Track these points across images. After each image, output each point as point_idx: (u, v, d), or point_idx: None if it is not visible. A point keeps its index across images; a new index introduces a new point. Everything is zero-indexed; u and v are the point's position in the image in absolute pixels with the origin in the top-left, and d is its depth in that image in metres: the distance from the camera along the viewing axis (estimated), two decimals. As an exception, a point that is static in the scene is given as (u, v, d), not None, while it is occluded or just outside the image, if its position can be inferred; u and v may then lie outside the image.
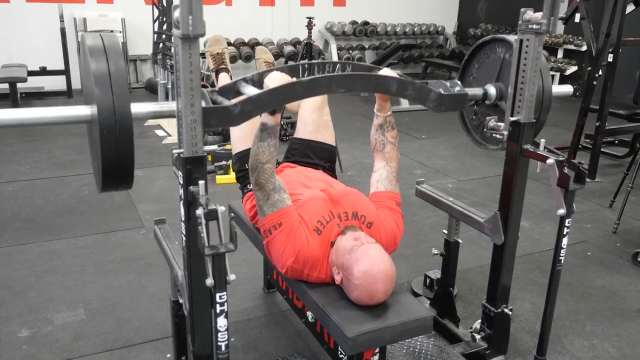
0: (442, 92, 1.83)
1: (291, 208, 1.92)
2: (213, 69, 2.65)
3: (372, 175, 2.17)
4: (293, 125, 4.27)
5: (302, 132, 2.43)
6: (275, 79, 1.81)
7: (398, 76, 1.88)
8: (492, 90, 2.07)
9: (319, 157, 2.39)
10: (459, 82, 1.90)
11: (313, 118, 2.41)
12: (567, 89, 2.26)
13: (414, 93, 1.80)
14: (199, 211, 1.40)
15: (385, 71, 1.94)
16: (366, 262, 1.76)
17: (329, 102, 2.49)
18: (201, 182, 1.45)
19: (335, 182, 2.23)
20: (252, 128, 2.32)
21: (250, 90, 1.71)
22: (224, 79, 2.57)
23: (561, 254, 2.01)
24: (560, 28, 8.17)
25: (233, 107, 1.50)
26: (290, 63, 1.96)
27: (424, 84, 1.83)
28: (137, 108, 1.50)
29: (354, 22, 9.25)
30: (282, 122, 2.70)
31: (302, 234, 1.88)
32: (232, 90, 1.75)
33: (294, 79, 1.73)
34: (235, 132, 2.38)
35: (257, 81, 1.83)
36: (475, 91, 2.07)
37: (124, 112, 1.38)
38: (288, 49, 8.55)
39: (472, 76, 2.23)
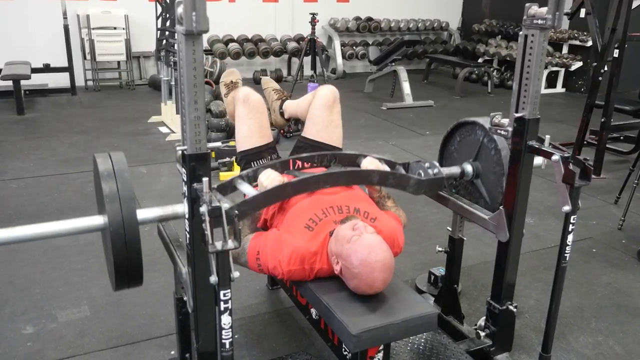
0: (422, 177, 1.99)
1: (255, 236, 2.02)
2: (225, 94, 2.66)
3: None
4: (297, 121, 4.26)
5: (311, 130, 2.41)
6: (269, 178, 1.91)
7: (379, 163, 2.06)
8: (468, 168, 2.22)
9: None
10: (437, 164, 2.03)
11: (323, 117, 2.39)
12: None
13: (395, 182, 1.97)
14: (203, 208, 1.40)
15: (369, 161, 2.07)
16: (365, 251, 1.77)
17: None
18: (205, 179, 1.45)
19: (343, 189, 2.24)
20: (259, 126, 2.33)
21: (245, 188, 1.84)
22: (230, 102, 2.58)
23: (566, 251, 2.00)
24: (565, 23, 8.13)
25: (231, 210, 1.56)
26: (281, 159, 2.12)
27: (403, 174, 2.01)
28: (143, 214, 1.63)
29: (357, 18, 9.23)
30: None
31: (284, 236, 1.94)
32: (229, 187, 1.85)
33: (285, 179, 1.91)
34: (241, 129, 2.37)
35: (252, 177, 1.95)
36: (452, 170, 2.23)
37: (131, 223, 1.53)
38: (291, 45, 8.54)
39: (454, 146, 2.37)
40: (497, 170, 2.12)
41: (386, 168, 2.08)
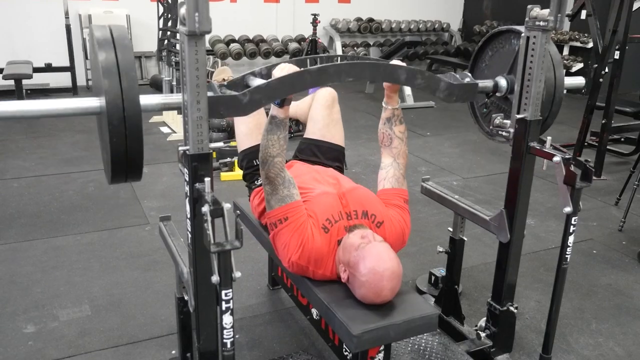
0: (452, 82, 1.82)
1: (299, 204, 1.92)
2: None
3: (379, 172, 2.17)
4: (297, 122, 4.27)
5: (312, 130, 2.43)
6: (284, 70, 1.81)
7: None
8: (502, 82, 2.04)
9: (326, 157, 2.38)
10: (469, 74, 1.90)
11: (323, 116, 2.41)
12: (579, 80, 2.23)
13: (424, 82, 1.79)
14: (205, 208, 1.40)
15: (395, 62, 1.93)
16: (373, 260, 1.75)
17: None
18: (207, 179, 1.45)
19: (345, 180, 2.22)
20: (257, 124, 2.32)
21: (258, 83, 1.70)
22: None
23: (567, 252, 2.00)
24: (566, 25, 8.13)
25: (242, 96, 1.50)
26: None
27: (433, 74, 1.83)
28: (146, 100, 1.49)
29: (358, 19, 9.23)
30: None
31: (308, 230, 1.88)
32: (240, 83, 1.76)
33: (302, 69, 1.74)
34: (240, 128, 2.38)
35: (266, 74, 1.84)
36: (485, 83, 2.04)
37: (132, 103, 1.37)
38: (293, 45, 8.54)
39: (485, 63, 2.21)
40: None
41: None
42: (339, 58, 2.00)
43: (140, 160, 1.45)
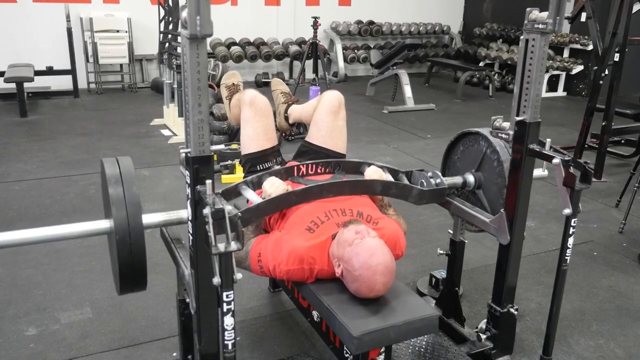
0: (424, 188, 2.05)
1: (257, 239, 2.03)
2: (227, 96, 2.67)
3: None
4: (298, 125, 4.27)
5: (315, 135, 2.41)
6: (273, 186, 1.93)
7: (382, 172, 2.10)
8: (470, 178, 2.24)
9: None
10: (439, 174, 2.08)
11: (327, 122, 2.38)
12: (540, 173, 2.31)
13: (397, 192, 2.03)
14: (206, 210, 1.41)
15: (373, 169, 2.11)
16: (366, 254, 1.78)
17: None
18: (208, 182, 1.46)
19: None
20: (265, 129, 2.34)
21: (249, 194, 1.86)
22: (235, 105, 2.58)
23: (567, 254, 2.00)
24: (566, 27, 8.15)
25: (234, 217, 1.60)
26: (286, 165, 2.18)
27: (405, 184, 2.05)
28: (148, 219, 1.68)
29: (359, 22, 9.25)
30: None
31: (284, 238, 1.95)
32: (234, 192, 1.89)
33: (289, 187, 1.93)
34: (247, 131, 2.36)
35: (257, 183, 1.98)
36: (454, 180, 2.25)
37: (136, 228, 1.57)
38: (293, 48, 8.56)
39: (457, 156, 2.40)
40: (499, 181, 2.13)
41: (389, 176, 2.10)
42: (323, 164, 2.16)
43: (144, 276, 1.63)
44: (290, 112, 2.60)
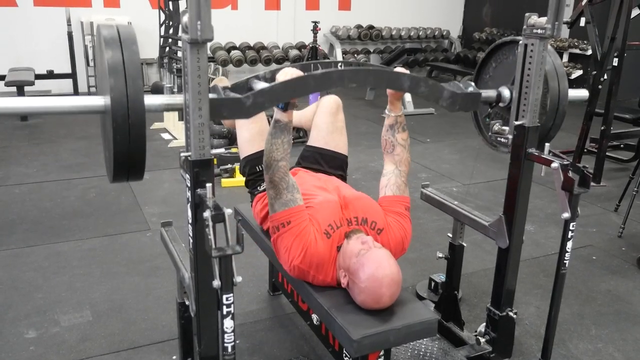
0: (455, 91, 1.82)
1: (302, 208, 1.93)
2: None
3: (381, 179, 2.18)
4: (298, 129, 4.28)
5: (316, 138, 2.43)
6: (288, 74, 1.83)
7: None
8: (506, 92, 2.03)
9: (329, 165, 2.40)
10: (472, 83, 1.91)
11: (327, 123, 2.41)
12: (583, 93, 2.24)
13: (427, 90, 1.79)
14: (207, 213, 1.42)
15: (399, 69, 1.94)
16: (372, 266, 1.77)
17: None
18: (208, 185, 1.47)
19: (347, 188, 2.24)
20: (260, 131, 2.34)
21: (261, 85, 1.71)
22: None
23: (566, 258, 2.01)
24: (565, 32, 8.16)
25: (245, 99, 1.50)
26: (303, 62, 1.99)
27: (437, 82, 1.84)
28: (150, 100, 1.50)
29: (359, 26, 9.27)
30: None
31: (311, 235, 1.89)
32: (244, 87, 1.76)
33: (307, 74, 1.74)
34: (243, 134, 2.39)
35: (270, 78, 1.84)
36: (489, 93, 2.04)
37: (137, 102, 1.38)
38: (293, 52, 8.58)
39: (489, 75, 2.23)
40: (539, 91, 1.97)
41: None
42: (343, 64, 2.01)
43: (142, 159, 1.46)
44: None
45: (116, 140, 1.39)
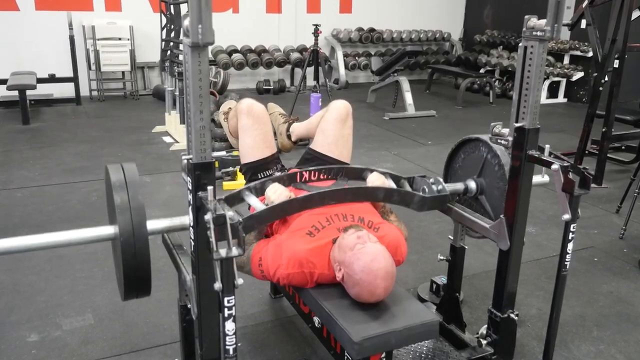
0: (426, 195, 2.03)
1: (258, 243, 2.06)
2: (224, 118, 2.71)
3: None
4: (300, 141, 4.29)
5: (320, 143, 2.41)
6: (276, 192, 1.93)
7: (385, 179, 2.08)
8: (472, 185, 2.24)
9: None
10: (441, 180, 2.07)
11: (334, 130, 2.39)
12: (543, 180, 2.34)
13: (399, 199, 2.01)
14: (208, 216, 1.42)
15: (375, 176, 2.09)
16: (367, 258, 1.79)
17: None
18: (210, 188, 1.48)
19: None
20: (263, 136, 2.35)
21: (252, 201, 1.88)
22: (232, 116, 2.60)
23: (566, 259, 2.01)
24: (566, 34, 8.18)
25: (237, 224, 1.60)
26: (289, 172, 2.12)
27: (408, 191, 2.04)
28: (153, 225, 1.70)
29: (360, 29, 9.29)
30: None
31: (285, 242, 1.97)
32: (237, 198, 1.89)
33: (292, 194, 1.93)
34: (246, 140, 2.37)
35: (260, 189, 1.98)
36: (456, 186, 2.25)
37: (140, 233, 1.58)
38: (294, 55, 8.60)
39: (459, 164, 2.40)
40: (500, 185, 2.14)
41: (392, 183, 2.10)
42: (326, 170, 2.13)
43: (148, 282, 1.64)
44: (292, 129, 2.60)
45: (125, 262, 1.58)
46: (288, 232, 2.02)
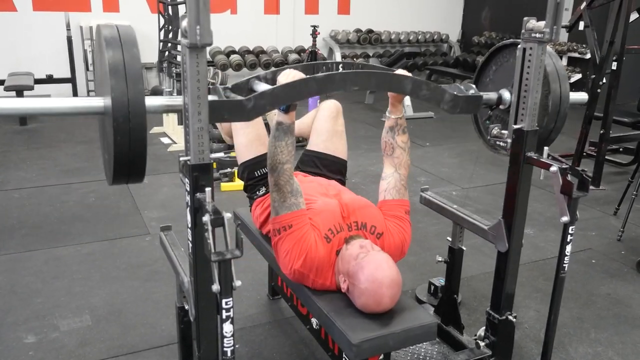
0: (457, 93, 1.84)
1: (304, 212, 1.93)
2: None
3: (380, 182, 2.19)
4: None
5: (315, 142, 2.43)
6: (289, 76, 1.83)
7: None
8: (507, 95, 2.03)
9: (329, 169, 2.40)
10: (473, 86, 1.92)
11: (327, 128, 2.41)
12: (583, 96, 2.24)
13: (429, 93, 1.80)
14: (206, 218, 1.42)
15: (400, 72, 1.93)
16: (372, 268, 1.77)
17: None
18: (208, 189, 1.47)
19: (347, 192, 2.24)
20: (257, 136, 2.34)
21: (263, 88, 1.70)
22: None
23: (565, 261, 2.01)
24: (564, 36, 8.19)
25: (247, 101, 1.49)
26: (304, 63, 1.97)
27: (438, 85, 1.84)
28: (151, 101, 1.50)
29: (358, 30, 9.29)
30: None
31: (311, 239, 1.89)
32: (245, 88, 1.75)
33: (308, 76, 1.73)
34: (240, 139, 2.38)
35: (271, 79, 1.82)
36: (490, 95, 2.04)
37: (138, 103, 1.37)
38: (293, 56, 8.59)
39: (489, 78, 2.23)
40: (543, 92, 1.97)
41: None
42: (345, 65, 2.00)
43: (143, 161, 1.46)
44: None
45: (117, 141, 1.38)
46: (316, 222, 1.93)
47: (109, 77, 1.34)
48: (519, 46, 1.94)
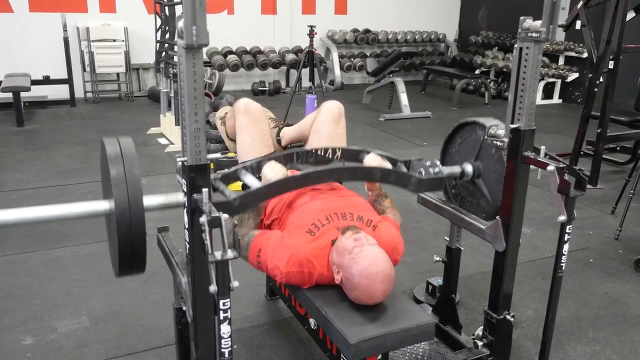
0: (422, 176, 2.01)
1: (261, 233, 2.02)
2: (221, 122, 2.73)
3: None
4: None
5: (315, 143, 2.39)
6: (273, 170, 1.94)
7: (382, 160, 2.08)
8: (469, 168, 2.22)
9: None
10: (438, 163, 2.05)
11: (329, 130, 2.38)
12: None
13: (396, 179, 1.99)
14: (203, 219, 1.42)
15: (372, 157, 2.10)
16: (366, 262, 1.79)
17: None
18: (204, 190, 1.47)
19: (342, 188, 2.26)
20: (261, 134, 2.35)
21: (249, 179, 1.89)
22: (229, 117, 2.60)
23: (562, 261, 2.02)
24: (561, 35, 8.20)
25: (234, 201, 1.62)
26: (286, 151, 2.13)
27: (405, 172, 2.03)
28: (149, 201, 1.66)
29: (355, 30, 9.29)
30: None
31: (286, 240, 1.94)
32: (233, 177, 1.90)
33: (289, 173, 1.94)
34: (244, 139, 2.37)
35: (256, 168, 1.98)
36: (453, 169, 2.24)
37: (137, 207, 1.54)
38: (290, 56, 8.60)
39: (455, 149, 2.38)
40: (498, 168, 2.10)
41: (388, 164, 2.08)
42: (322, 150, 2.14)
43: (143, 257, 1.60)
44: (282, 134, 2.58)
45: (120, 239, 1.53)
46: (289, 230, 2.01)
47: (111, 187, 1.53)
48: (516, 45, 1.95)
